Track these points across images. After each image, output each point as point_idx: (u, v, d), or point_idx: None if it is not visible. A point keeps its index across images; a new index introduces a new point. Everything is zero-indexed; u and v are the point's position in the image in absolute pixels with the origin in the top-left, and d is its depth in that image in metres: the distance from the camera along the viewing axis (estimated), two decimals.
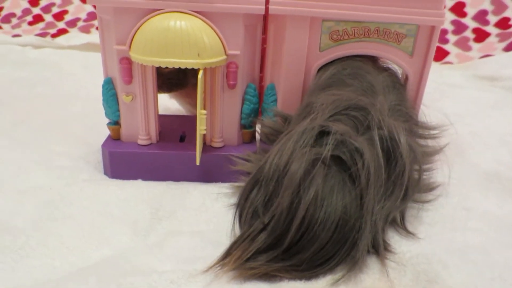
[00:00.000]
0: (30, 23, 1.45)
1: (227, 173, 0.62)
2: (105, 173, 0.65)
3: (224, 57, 0.59)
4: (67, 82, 0.99)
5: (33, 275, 0.42)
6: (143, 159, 0.63)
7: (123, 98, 0.62)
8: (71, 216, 0.51)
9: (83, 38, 1.23)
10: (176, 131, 0.70)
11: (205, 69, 0.58)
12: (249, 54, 0.62)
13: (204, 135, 0.65)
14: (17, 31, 1.34)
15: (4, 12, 1.51)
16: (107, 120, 0.66)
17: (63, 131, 0.75)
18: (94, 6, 0.65)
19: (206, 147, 0.65)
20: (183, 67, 0.56)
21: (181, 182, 0.63)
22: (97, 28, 1.39)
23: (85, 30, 1.37)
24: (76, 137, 0.73)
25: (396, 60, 0.61)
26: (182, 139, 0.68)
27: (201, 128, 0.57)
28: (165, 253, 0.46)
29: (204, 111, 0.57)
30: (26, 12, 1.51)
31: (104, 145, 0.64)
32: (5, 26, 1.42)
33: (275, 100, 0.64)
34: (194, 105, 0.77)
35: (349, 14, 0.57)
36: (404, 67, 0.61)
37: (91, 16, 1.49)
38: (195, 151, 0.62)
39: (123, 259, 0.44)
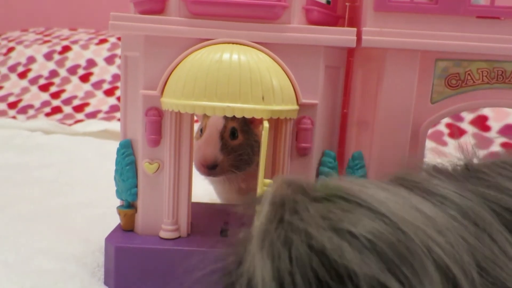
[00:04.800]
0: (47, 114, 1.34)
1: None
2: (107, 282, 0.42)
3: (296, 107, 0.41)
4: (75, 168, 0.81)
5: None
6: (167, 260, 0.41)
7: (144, 167, 0.43)
8: None
9: (102, 125, 1.09)
10: (213, 224, 0.49)
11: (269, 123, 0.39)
12: (329, 107, 0.44)
13: None
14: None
15: (22, 104, 1.42)
16: (118, 205, 0.46)
17: (56, 222, 0.54)
18: (119, 39, 0.49)
19: None
20: (239, 115, 0.37)
21: None
22: (119, 120, 1.27)
23: (105, 120, 1.24)
24: (72, 231, 0.52)
25: None
26: (223, 233, 0.46)
27: None
28: None
29: (271, 181, 0.36)
30: (45, 104, 1.42)
31: (109, 239, 0.43)
32: (20, 117, 1.31)
33: (364, 175, 0.44)
34: (246, 193, 0.57)
35: (475, 47, 0.40)
36: None
37: (114, 108, 1.38)
38: None
39: None
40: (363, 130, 0.45)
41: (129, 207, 0.45)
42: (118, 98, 1.47)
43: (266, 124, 0.36)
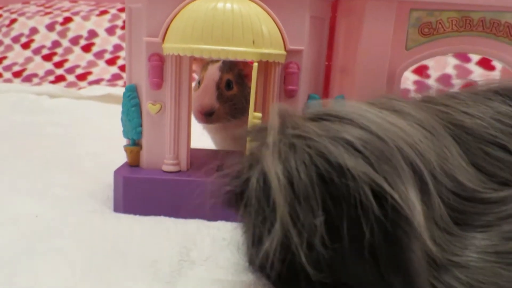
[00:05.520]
0: (51, 82, 1.39)
1: None
2: (116, 209, 0.48)
3: (284, 52, 0.45)
4: (81, 125, 0.86)
5: None
6: (169, 188, 0.46)
7: (148, 108, 0.48)
8: (61, 250, 0.34)
9: (105, 90, 1.14)
10: (210, 162, 0.54)
11: (258, 66, 0.44)
12: (314, 54, 0.48)
13: None
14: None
15: (27, 73, 1.47)
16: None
17: (68, 166, 0.60)
18: (119, 10, 0.53)
19: None
20: (232, 57, 0.42)
21: (219, 222, 0.45)
22: (124, 84, 1.31)
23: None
24: (83, 172, 0.58)
25: (508, 60, 0.46)
26: (219, 169, 0.52)
27: None
28: None
29: (260, 114, 0.41)
30: (49, 72, 1.46)
31: (117, 171, 0.48)
32: (26, 85, 1.36)
33: None
34: (239, 140, 0.62)
35: None
36: None
37: (115, 76, 1.42)
38: None
39: None
40: (345, 76, 0.50)
41: (134, 144, 0.50)
42: (120, 67, 1.51)
43: (256, 64, 0.41)
